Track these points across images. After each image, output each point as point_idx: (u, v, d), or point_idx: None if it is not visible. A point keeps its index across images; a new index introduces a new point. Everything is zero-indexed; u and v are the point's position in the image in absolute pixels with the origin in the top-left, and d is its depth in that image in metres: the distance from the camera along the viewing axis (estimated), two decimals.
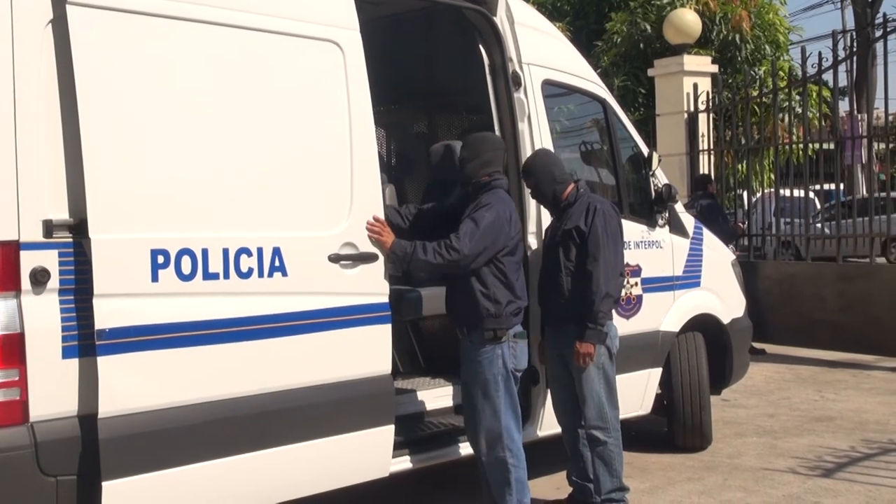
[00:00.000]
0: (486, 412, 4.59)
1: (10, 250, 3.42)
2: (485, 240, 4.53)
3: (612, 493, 5.01)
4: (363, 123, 4.40)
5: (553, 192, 5.07)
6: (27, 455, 3.40)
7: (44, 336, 3.46)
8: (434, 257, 4.47)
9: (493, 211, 4.60)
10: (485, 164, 4.76)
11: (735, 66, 16.04)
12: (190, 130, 3.84)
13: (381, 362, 4.36)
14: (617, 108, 6.36)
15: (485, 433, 4.60)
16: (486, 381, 4.58)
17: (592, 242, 4.88)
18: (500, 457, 4.59)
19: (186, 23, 3.85)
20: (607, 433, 4.95)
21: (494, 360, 4.58)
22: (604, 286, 4.83)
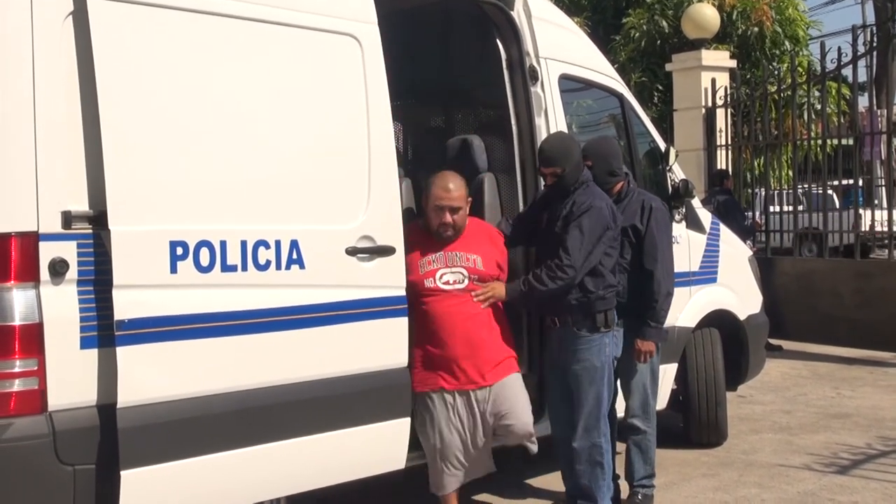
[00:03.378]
0: (590, 399, 4.71)
1: (30, 241, 3.44)
2: (590, 243, 4.64)
3: (643, 480, 5.20)
4: (381, 117, 4.40)
5: (605, 183, 5.05)
6: (45, 444, 3.42)
7: (62, 326, 3.48)
8: (553, 283, 4.61)
9: (593, 211, 4.68)
10: (579, 170, 4.81)
11: (753, 62, 15.97)
12: (209, 123, 3.85)
13: (398, 355, 4.37)
14: (634, 102, 6.35)
15: (585, 419, 4.71)
16: (595, 369, 4.72)
17: (650, 242, 5.04)
18: (597, 442, 4.74)
19: (205, 16, 3.87)
20: (647, 423, 5.21)
21: (602, 348, 4.75)
22: (665, 285, 5.02)
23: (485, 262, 4.66)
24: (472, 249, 4.67)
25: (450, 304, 4.54)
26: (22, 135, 3.45)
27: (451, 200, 4.59)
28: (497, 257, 4.76)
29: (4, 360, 3.39)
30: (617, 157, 5.19)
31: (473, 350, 4.53)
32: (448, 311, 4.53)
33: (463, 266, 4.61)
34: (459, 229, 4.65)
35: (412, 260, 4.54)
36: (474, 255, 4.65)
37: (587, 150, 5.09)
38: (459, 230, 4.65)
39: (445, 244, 4.65)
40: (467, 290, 4.59)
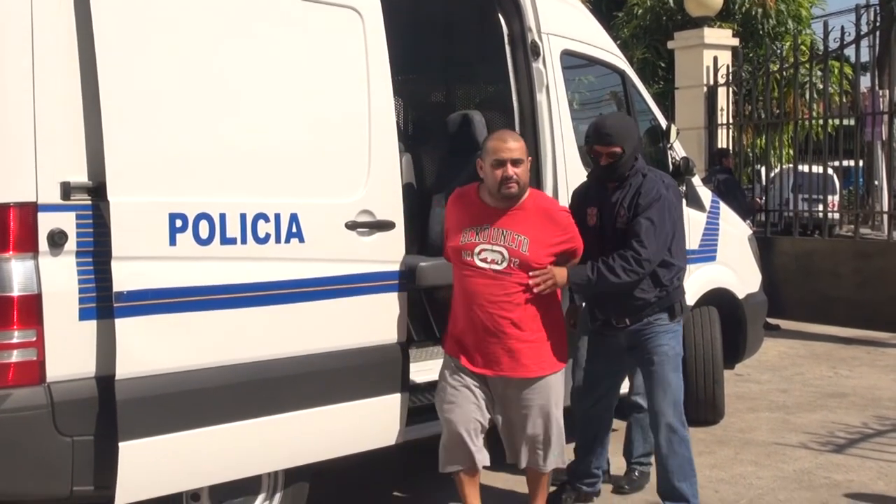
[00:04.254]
0: (675, 386, 4.62)
1: (28, 212, 3.43)
2: (666, 230, 4.46)
3: (641, 458, 5.22)
4: (381, 91, 4.38)
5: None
6: (44, 415, 3.42)
7: (61, 297, 3.47)
8: (626, 276, 4.37)
9: (664, 201, 4.46)
10: (637, 152, 4.55)
11: (756, 40, 15.90)
12: (209, 95, 3.83)
13: (397, 330, 4.37)
14: (636, 79, 6.32)
15: (674, 406, 4.61)
16: (677, 356, 4.66)
17: None
18: (686, 436, 4.66)
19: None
20: None
21: (678, 335, 4.69)
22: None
23: (532, 246, 4.19)
24: (522, 229, 4.22)
25: (479, 284, 4.20)
26: (21, 105, 3.43)
27: (512, 152, 4.18)
28: (554, 240, 4.28)
29: (3, 330, 3.39)
30: (638, 137, 5.09)
31: (494, 339, 4.21)
32: (476, 290, 4.20)
33: (505, 246, 4.19)
34: (524, 186, 4.24)
35: (455, 225, 4.31)
36: (523, 235, 4.20)
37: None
38: (524, 187, 4.25)
39: (496, 217, 4.22)
40: (504, 273, 4.18)
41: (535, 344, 4.25)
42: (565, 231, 4.34)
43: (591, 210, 4.59)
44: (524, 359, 4.23)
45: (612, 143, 4.43)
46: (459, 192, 4.39)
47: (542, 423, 4.30)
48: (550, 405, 4.30)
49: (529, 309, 4.22)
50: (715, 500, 5.12)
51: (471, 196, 4.35)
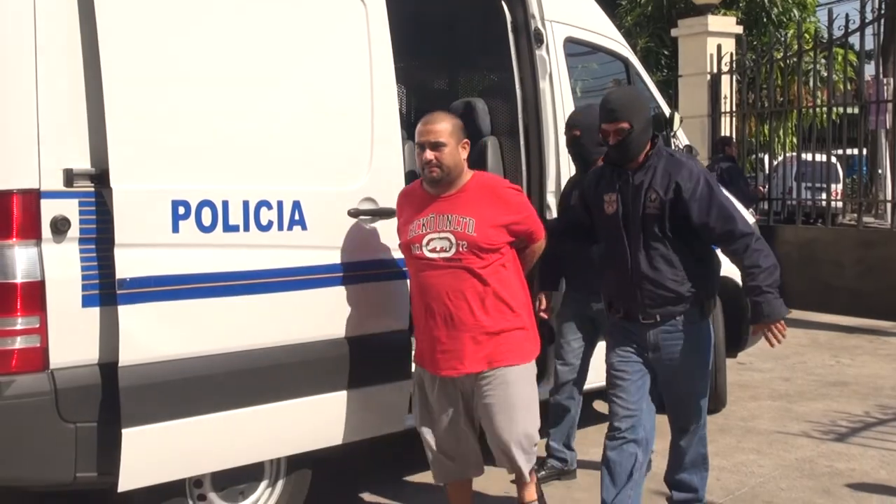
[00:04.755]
0: (702, 395, 4.30)
1: (31, 199, 3.44)
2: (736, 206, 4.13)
3: None
4: (384, 79, 4.37)
5: (594, 154, 4.79)
6: (47, 401, 3.43)
7: (64, 284, 3.48)
8: (772, 258, 4.03)
9: (704, 171, 4.10)
10: (649, 128, 4.12)
11: (760, 28, 15.89)
12: (212, 82, 3.82)
13: (399, 318, 4.37)
14: (640, 67, 6.31)
15: (698, 412, 4.30)
16: (707, 360, 4.28)
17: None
18: (703, 430, 4.42)
19: None
20: None
21: (710, 334, 4.27)
22: None
23: (479, 226, 3.87)
24: (467, 210, 3.91)
25: (433, 276, 3.92)
26: (24, 93, 3.43)
27: (429, 135, 3.87)
28: (503, 219, 3.94)
29: (6, 317, 3.40)
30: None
31: (455, 333, 3.91)
32: (430, 283, 3.93)
33: (451, 231, 3.89)
34: (448, 171, 3.90)
35: (403, 222, 4.06)
36: (468, 217, 3.89)
37: (574, 119, 4.99)
38: (448, 172, 3.90)
39: (438, 204, 3.94)
40: (454, 260, 3.88)
41: (499, 334, 3.94)
42: (516, 210, 4.01)
43: (610, 196, 4.16)
44: (485, 350, 3.92)
45: (617, 118, 4.02)
46: (406, 189, 4.14)
47: (504, 420, 3.96)
48: (514, 400, 3.95)
49: (488, 296, 3.91)
50: (717, 487, 5.12)
51: (415, 188, 4.08)
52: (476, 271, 3.89)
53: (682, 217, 3.99)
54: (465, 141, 3.96)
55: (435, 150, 3.87)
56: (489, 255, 3.90)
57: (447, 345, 3.93)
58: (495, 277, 3.92)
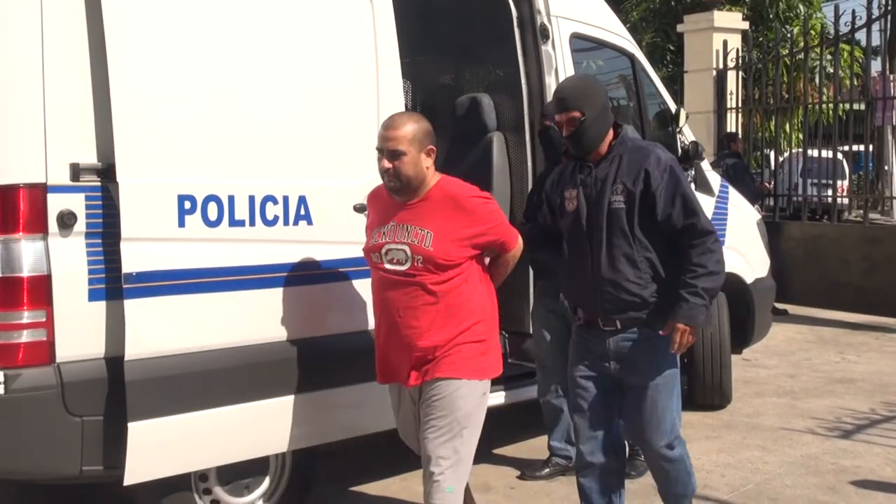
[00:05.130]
0: (672, 407, 3.88)
1: (38, 193, 3.44)
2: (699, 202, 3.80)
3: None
4: (390, 74, 4.37)
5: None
6: (54, 395, 3.44)
7: (70, 278, 3.48)
8: (720, 264, 3.74)
9: (673, 161, 3.82)
10: (608, 116, 3.83)
11: (767, 24, 15.85)
12: (218, 77, 3.82)
13: None
14: (645, 63, 6.30)
15: (668, 432, 3.87)
16: (675, 373, 3.90)
17: None
18: (680, 453, 3.94)
19: None
20: None
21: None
22: None
23: (437, 240, 3.53)
24: (426, 222, 3.57)
25: (388, 289, 3.63)
26: (30, 86, 3.44)
27: (388, 141, 3.55)
28: (465, 232, 3.57)
29: (13, 311, 3.41)
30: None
31: (404, 351, 3.62)
32: (387, 296, 3.64)
33: (408, 243, 3.56)
34: (407, 181, 3.56)
35: (368, 225, 3.82)
36: (426, 229, 3.55)
37: (547, 109, 4.90)
38: (408, 183, 3.57)
39: (400, 212, 3.62)
40: (408, 275, 3.56)
41: (450, 349, 3.58)
42: (482, 221, 3.63)
43: (570, 192, 3.87)
44: (438, 362, 3.59)
45: (568, 107, 3.76)
46: (374, 190, 3.83)
47: (439, 436, 3.56)
48: (455, 414, 3.56)
49: (441, 314, 3.56)
50: (721, 484, 5.12)
51: (382, 191, 3.73)
52: (430, 288, 3.55)
53: (650, 210, 3.73)
54: (430, 147, 3.60)
55: (393, 159, 3.54)
56: (447, 271, 3.56)
57: (396, 359, 3.67)
58: (452, 294, 3.57)
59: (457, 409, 3.57)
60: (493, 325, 3.76)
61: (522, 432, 5.78)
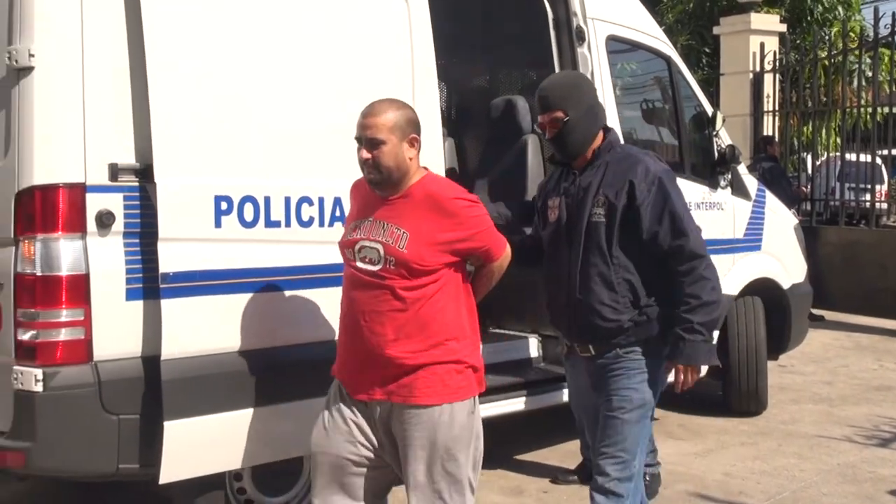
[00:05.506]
0: (631, 439, 3.52)
1: (77, 193, 3.47)
2: (695, 222, 3.48)
3: (648, 459, 4.91)
4: (426, 76, 4.37)
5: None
6: (91, 393, 3.47)
7: (108, 278, 3.51)
8: (715, 291, 3.42)
9: (663, 172, 3.43)
10: (596, 118, 3.54)
11: (804, 26, 15.67)
12: (255, 79, 3.84)
13: None
14: (682, 65, 6.26)
15: (622, 468, 3.52)
16: (645, 405, 3.55)
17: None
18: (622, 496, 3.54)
19: None
20: None
21: (659, 375, 3.59)
22: None
23: (412, 242, 3.19)
24: (404, 221, 3.24)
25: (357, 290, 3.29)
26: (69, 86, 3.47)
27: (366, 129, 3.24)
28: (443, 236, 3.22)
29: (51, 309, 3.44)
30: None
31: (368, 359, 3.27)
32: (355, 297, 3.30)
33: (382, 242, 3.23)
34: (388, 173, 3.23)
35: (347, 219, 3.53)
36: (403, 229, 3.22)
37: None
38: (388, 175, 3.24)
39: (379, 207, 3.29)
40: (378, 276, 3.23)
41: (427, 367, 3.24)
42: (464, 226, 3.27)
43: (554, 201, 3.58)
44: (406, 382, 3.24)
45: (550, 107, 3.46)
46: (358, 181, 3.46)
47: (426, 470, 3.26)
48: (438, 445, 3.24)
49: (409, 323, 3.22)
50: (757, 491, 5.07)
51: (364, 182, 3.39)
52: (399, 293, 3.21)
53: (633, 227, 3.39)
54: (413, 136, 3.27)
55: (372, 148, 3.23)
56: (420, 277, 3.21)
57: (359, 368, 3.32)
58: (424, 303, 3.22)
59: (438, 438, 3.23)
60: (473, 344, 3.36)
61: (555, 436, 5.75)
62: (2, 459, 3.51)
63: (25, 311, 3.44)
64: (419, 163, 3.32)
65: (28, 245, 3.45)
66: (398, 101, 3.39)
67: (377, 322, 3.23)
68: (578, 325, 3.51)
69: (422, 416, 3.23)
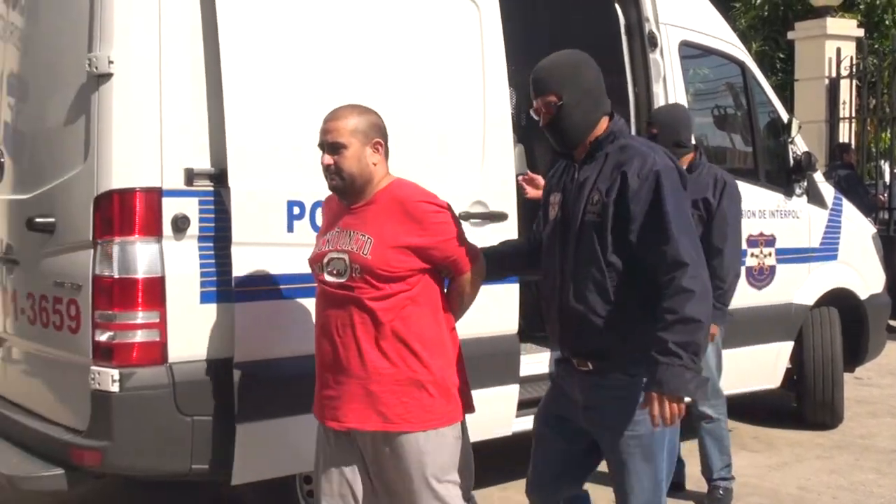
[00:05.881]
0: (645, 482, 3.03)
1: (153, 197, 3.53)
2: (686, 216, 2.95)
3: (722, 472, 4.89)
4: (497, 82, 4.37)
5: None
6: (166, 394, 3.52)
7: (183, 281, 3.56)
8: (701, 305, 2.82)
9: (665, 171, 2.92)
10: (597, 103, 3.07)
11: (882, 31, 15.31)
12: (328, 84, 3.87)
13: (508, 321, 4.34)
14: (756, 71, 6.16)
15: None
16: (653, 438, 2.99)
17: (721, 218, 4.54)
18: None
19: None
20: (719, 409, 4.84)
21: None
22: (733, 266, 4.58)
23: (376, 247, 3.01)
24: (369, 227, 3.06)
25: (328, 305, 3.12)
26: (147, 94, 3.53)
27: (327, 134, 3.09)
28: (406, 239, 3.03)
29: (128, 311, 3.50)
30: (687, 126, 4.70)
31: (341, 377, 3.08)
32: (325, 313, 3.13)
33: (348, 251, 3.05)
34: (351, 180, 3.07)
35: (317, 237, 3.32)
36: (367, 235, 3.04)
37: (654, 117, 4.81)
38: (351, 181, 3.07)
39: (345, 215, 3.13)
40: (346, 287, 3.04)
41: (402, 387, 3.04)
42: (429, 232, 3.06)
43: (555, 197, 3.17)
44: (383, 405, 3.03)
45: (542, 89, 3.03)
46: (328, 196, 3.30)
47: (413, 498, 3.06)
48: (424, 472, 3.04)
49: (386, 336, 3.03)
50: None
51: (334, 196, 3.25)
52: (367, 304, 3.02)
53: (627, 227, 2.92)
54: (377, 141, 3.12)
55: (333, 153, 3.08)
56: (389, 284, 3.02)
57: (333, 390, 3.11)
58: (396, 314, 3.03)
59: (425, 466, 3.04)
60: (453, 361, 3.17)
61: None
62: (79, 457, 3.58)
63: (103, 313, 3.51)
64: (386, 169, 3.16)
65: (106, 248, 3.51)
66: (362, 105, 3.21)
67: (349, 337, 3.04)
68: (573, 336, 3.06)
69: (402, 446, 3.03)
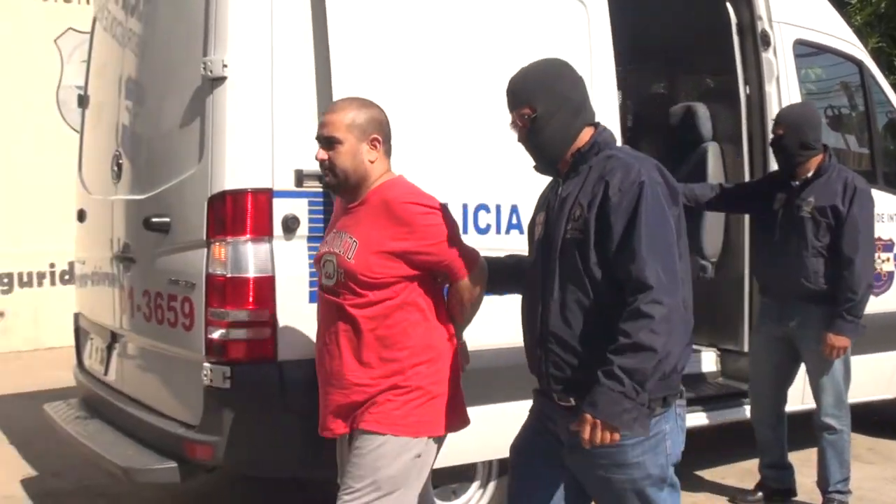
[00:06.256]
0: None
1: (264, 198, 3.60)
2: (666, 238, 2.65)
3: (839, 485, 4.73)
4: (605, 83, 4.32)
5: (797, 156, 4.50)
6: (276, 392, 3.57)
7: (293, 280, 3.61)
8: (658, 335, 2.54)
9: (647, 185, 2.65)
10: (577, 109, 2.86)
11: None
12: (435, 85, 3.89)
13: None
14: (874, 69, 5.95)
15: None
16: (643, 486, 2.73)
17: (852, 227, 4.45)
18: None
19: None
20: (843, 421, 4.70)
21: (659, 445, 2.73)
22: (866, 276, 4.46)
23: (360, 252, 2.90)
24: (357, 229, 2.97)
25: (322, 310, 3.08)
26: (260, 97, 3.60)
27: (322, 128, 3.01)
28: (390, 244, 2.90)
29: (239, 309, 3.57)
30: (815, 127, 4.55)
31: (330, 381, 3.03)
32: (320, 319, 3.09)
33: (336, 253, 2.98)
34: (345, 176, 2.98)
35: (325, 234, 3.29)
36: (355, 237, 2.95)
37: (780, 117, 4.68)
38: (345, 178, 2.99)
39: (343, 215, 3.07)
40: (334, 292, 2.98)
41: (379, 394, 2.93)
42: (416, 235, 2.91)
43: (540, 216, 2.96)
44: (360, 409, 2.96)
45: (517, 102, 2.86)
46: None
47: (351, 500, 2.90)
48: (375, 476, 2.90)
49: (368, 346, 2.93)
50: None
51: None
52: (348, 311, 2.93)
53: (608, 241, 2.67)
54: (375, 137, 2.99)
55: (328, 147, 2.98)
56: (372, 291, 2.91)
57: (323, 396, 3.08)
58: (380, 322, 2.92)
59: (377, 470, 2.89)
60: (442, 371, 3.01)
61: (731, 454, 5.55)
62: (192, 451, 3.67)
63: (215, 311, 3.58)
64: (386, 167, 3.05)
65: (219, 247, 3.59)
66: (364, 99, 3.08)
67: (334, 343, 2.98)
68: (550, 364, 2.78)
69: (363, 443, 2.91)
